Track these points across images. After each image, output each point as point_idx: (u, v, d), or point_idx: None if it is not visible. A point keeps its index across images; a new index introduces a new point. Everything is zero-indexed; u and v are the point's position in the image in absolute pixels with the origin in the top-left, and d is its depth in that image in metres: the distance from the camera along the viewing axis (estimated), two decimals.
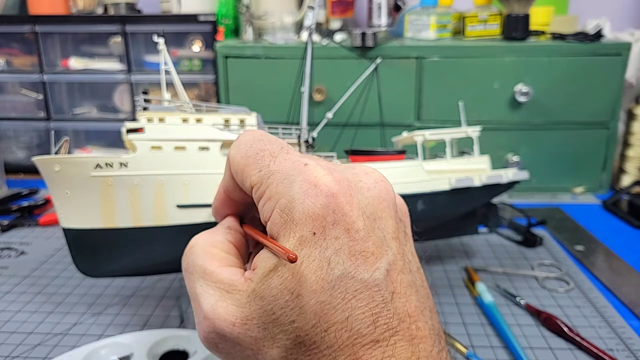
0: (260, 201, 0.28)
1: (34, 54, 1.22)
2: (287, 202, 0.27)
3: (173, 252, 0.59)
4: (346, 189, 0.27)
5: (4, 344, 0.60)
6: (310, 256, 0.25)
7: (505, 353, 0.59)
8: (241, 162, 0.30)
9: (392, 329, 0.25)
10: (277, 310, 0.25)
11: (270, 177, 0.28)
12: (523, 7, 1.08)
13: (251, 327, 0.26)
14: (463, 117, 0.74)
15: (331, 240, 0.26)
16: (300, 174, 0.27)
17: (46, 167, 0.58)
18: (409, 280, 0.27)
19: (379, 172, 0.30)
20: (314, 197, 0.26)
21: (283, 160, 0.28)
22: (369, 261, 0.26)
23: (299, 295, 0.25)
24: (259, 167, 0.29)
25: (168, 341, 0.57)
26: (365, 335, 0.24)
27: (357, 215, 0.26)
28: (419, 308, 0.26)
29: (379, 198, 0.28)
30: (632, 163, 1.12)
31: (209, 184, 0.58)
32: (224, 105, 0.76)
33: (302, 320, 0.25)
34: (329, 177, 0.27)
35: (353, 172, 0.29)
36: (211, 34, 1.17)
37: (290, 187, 0.27)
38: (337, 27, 1.24)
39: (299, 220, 0.26)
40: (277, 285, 0.26)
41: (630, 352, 0.59)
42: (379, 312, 0.25)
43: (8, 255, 0.84)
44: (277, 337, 0.26)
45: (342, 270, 0.25)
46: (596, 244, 0.88)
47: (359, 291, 0.25)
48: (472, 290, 0.71)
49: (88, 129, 1.29)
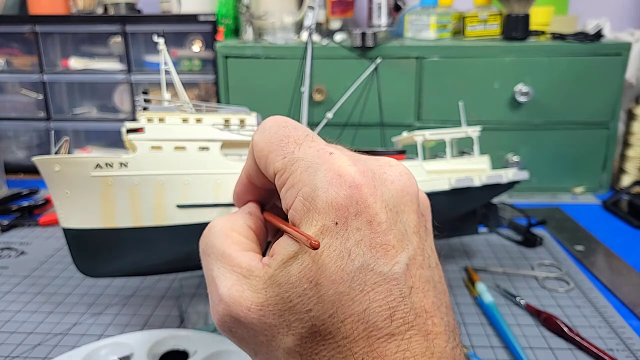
0: (283, 188, 0.28)
1: (34, 54, 1.22)
2: (310, 190, 0.26)
3: (173, 252, 0.60)
4: (370, 181, 0.27)
5: (4, 344, 0.61)
6: (331, 246, 0.25)
7: (505, 353, 0.59)
8: (265, 148, 0.29)
9: (408, 323, 0.25)
10: (294, 298, 0.25)
11: (295, 165, 0.28)
12: (523, 7, 1.08)
13: (266, 314, 0.26)
14: (463, 117, 0.74)
15: (353, 231, 0.25)
16: (325, 162, 0.27)
17: (46, 167, 0.58)
18: (428, 276, 0.27)
19: (403, 165, 0.29)
20: (337, 187, 0.26)
21: (308, 147, 0.28)
22: (389, 254, 0.25)
23: (318, 284, 0.25)
24: (283, 154, 0.28)
25: (168, 341, 0.57)
26: (381, 329, 0.24)
27: (380, 208, 0.26)
28: (435, 304, 0.26)
29: (402, 191, 0.28)
30: (632, 163, 1.12)
31: (209, 184, 0.58)
32: (224, 105, 0.76)
33: (319, 309, 0.25)
34: (353, 168, 0.27)
35: (377, 164, 0.29)
36: (211, 34, 1.17)
37: (314, 176, 0.27)
38: (337, 27, 1.24)
39: (322, 209, 0.26)
40: (296, 272, 0.26)
41: (630, 352, 0.59)
42: (396, 306, 0.25)
43: (8, 255, 0.84)
44: (293, 325, 0.25)
45: (362, 262, 0.25)
46: (596, 244, 0.88)
47: (377, 284, 0.25)
48: (472, 290, 0.71)
49: (88, 129, 1.29)
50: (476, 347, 0.60)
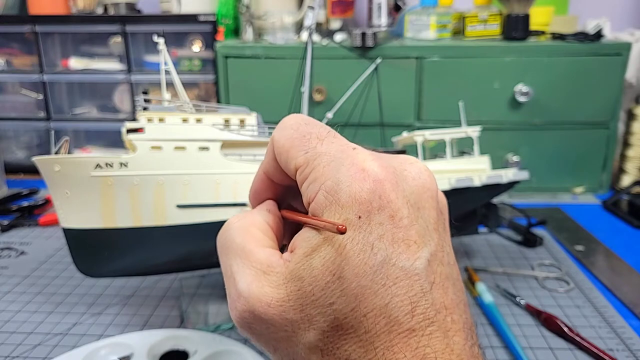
0: (305, 183, 0.28)
1: (34, 54, 1.22)
2: (333, 184, 0.26)
3: (173, 252, 0.60)
4: (392, 176, 0.27)
5: (4, 344, 0.61)
6: (354, 239, 0.25)
7: (505, 353, 0.59)
8: (286, 144, 0.30)
9: (428, 319, 0.25)
10: (316, 292, 0.25)
11: (317, 159, 0.28)
12: (523, 7, 1.08)
13: (287, 309, 0.26)
14: (463, 117, 0.74)
15: (375, 225, 0.26)
16: (348, 157, 0.27)
17: (46, 167, 0.58)
18: (447, 273, 0.27)
19: (423, 163, 0.30)
20: (361, 181, 0.26)
21: (330, 143, 0.28)
22: (411, 249, 0.26)
23: (341, 277, 0.25)
24: (305, 149, 0.28)
25: (168, 341, 0.57)
26: (402, 324, 0.24)
27: (402, 203, 0.26)
28: (454, 301, 0.26)
29: (423, 187, 0.28)
30: (632, 163, 1.12)
31: (208, 184, 0.58)
32: (224, 105, 0.76)
33: (341, 302, 0.25)
34: (375, 163, 0.27)
35: (398, 161, 0.29)
36: (211, 34, 1.17)
37: (337, 170, 0.27)
38: (337, 27, 1.24)
39: (345, 202, 0.26)
40: (319, 266, 0.26)
41: (630, 352, 0.59)
42: (417, 302, 0.25)
43: (8, 255, 0.84)
44: (314, 319, 0.25)
45: (385, 256, 0.25)
46: (596, 244, 0.88)
47: (399, 279, 0.25)
48: (472, 290, 0.71)
49: (88, 129, 1.29)
50: None
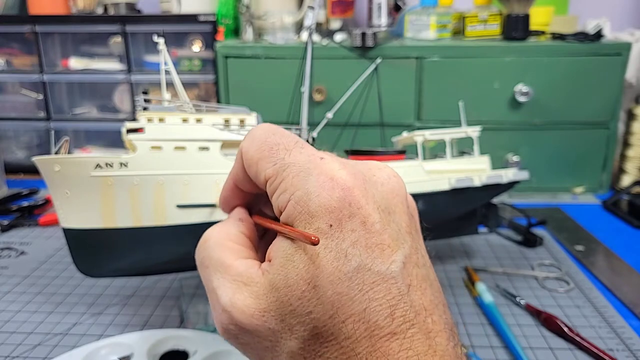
0: (275, 194, 0.29)
1: (34, 54, 1.22)
2: (303, 194, 0.27)
3: (173, 252, 0.60)
4: (361, 183, 0.27)
5: (4, 344, 0.61)
6: (327, 248, 0.25)
7: (505, 353, 0.59)
8: (255, 155, 0.30)
9: (409, 321, 0.25)
10: (293, 302, 0.26)
11: (286, 170, 0.28)
12: (523, 7, 1.08)
13: (269, 319, 0.26)
14: (463, 117, 0.74)
15: (348, 232, 0.26)
16: (317, 167, 0.27)
17: (46, 167, 0.58)
18: (424, 274, 0.27)
19: (391, 168, 0.30)
20: (330, 190, 0.26)
21: (298, 153, 0.29)
22: (385, 254, 0.26)
23: (316, 286, 0.25)
24: (273, 161, 0.29)
25: (168, 341, 0.57)
26: (383, 327, 0.24)
27: (373, 209, 0.27)
28: (433, 302, 0.27)
29: (392, 192, 0.28)
30: (632, 163, 1.12)
31: (208, 184, 0.58)
32: (224, 105, 0.76)
33: (319, 311, 0.25)
34: (344, 171, 0.27)
35: (366, 167, 0.29)
36: (211, 34, 1.17)
37: (306, 180, 0.27)
38: (337, 27, 1.24)
39: (315, 212, 0.26)
40: (294, 275, 0.26)
41: (630, 352, 0.59)
42: (396, 304, 0.25)
43: (8, 255, 0.84)
44: (294, 328, 0.26)
45: (359, 262, 0.25)
46: (596, 244, 0.88)
47: (375, 283, 0.25)
48: (472, 290, 0.71)
49: (88, 129, 1.29)
50: (476, 347, 0.60)
